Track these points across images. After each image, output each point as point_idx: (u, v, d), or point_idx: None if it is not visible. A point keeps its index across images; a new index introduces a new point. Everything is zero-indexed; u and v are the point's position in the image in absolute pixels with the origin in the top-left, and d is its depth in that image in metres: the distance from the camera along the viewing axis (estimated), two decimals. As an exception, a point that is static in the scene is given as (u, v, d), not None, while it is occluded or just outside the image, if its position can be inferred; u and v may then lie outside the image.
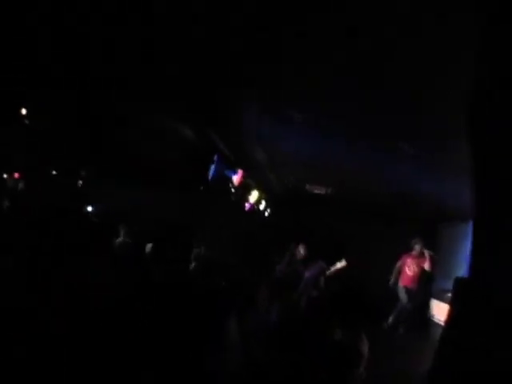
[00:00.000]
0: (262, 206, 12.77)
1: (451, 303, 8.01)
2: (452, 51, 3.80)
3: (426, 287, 11.54)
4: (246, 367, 3.96)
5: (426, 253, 10.85)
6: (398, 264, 11.19)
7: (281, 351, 4.44)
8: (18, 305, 3.41)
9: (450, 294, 9.86)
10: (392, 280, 11.14)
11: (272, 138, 7.59)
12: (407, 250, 11.12)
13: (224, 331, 3.74)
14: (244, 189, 10.61)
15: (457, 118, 2.92)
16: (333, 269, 9.92)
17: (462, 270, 9.13)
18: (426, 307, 11.65)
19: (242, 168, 9.46)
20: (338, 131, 6.73)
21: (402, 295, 10.89)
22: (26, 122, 8.38)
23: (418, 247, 10.92)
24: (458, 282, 7.01)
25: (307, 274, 9.33)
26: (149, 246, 8.24)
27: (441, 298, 10.88)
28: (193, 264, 7.65)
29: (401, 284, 11.03)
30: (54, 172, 12.82)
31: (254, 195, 11.52)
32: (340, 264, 9.98)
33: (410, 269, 10.98)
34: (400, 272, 11.13)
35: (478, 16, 2.44)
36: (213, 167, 8.34)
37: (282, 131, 7.03)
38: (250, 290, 5.36)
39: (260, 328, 4.88)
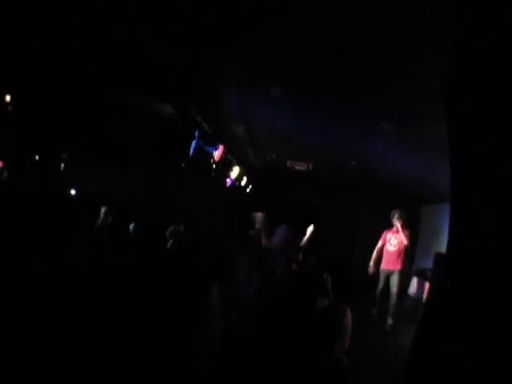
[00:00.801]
0: (243, 182, 12.71)
1: (432, 279, 8.05)
2: (428, 29, 3.77)
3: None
4: (226, 342, 3.95)
5: (398, 225, 9.80)
6: (379, 244, 10.27)
7: (261, 324, 4.40)
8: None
9: (430, 272, 10.02)
10: (371, 264, 10.24)
11: (251, 112, 7.53)
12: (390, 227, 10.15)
13: (202, 305, 3.72)
14: (225, 164, 10.53)
15: (436, 97, 2.86)
16: (305, 238, 9.87)
17: (442, 248, 9.19)
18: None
19: (222, 143, 9.36)
20: (317, 106, 6.70)
21: (381, 280, 9.90)
22: (10, 108, 8.19)
23: (396, 221, 9.89)
24: (438, 257, 7.00)
25: (274, 241, 9.07)
26: (131, 226, 8.22)
27: (422, 276, 11.00)
28: (170, 241, 7.61)
29: (382, 266, 10.03)
30: (37, 157, 12.63)
31: (235, 171, 11.45)
32: (309, 229, 9.88)
33: (390, 244, 9.95)
34: (381, 252, 10.18)
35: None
36: (194, 143, 8.22)
37: (262, 106, 6.97)
38: (229, 262, 5.34)
39: (240, 300, 4.87)
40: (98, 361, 3.26)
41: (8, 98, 7.61)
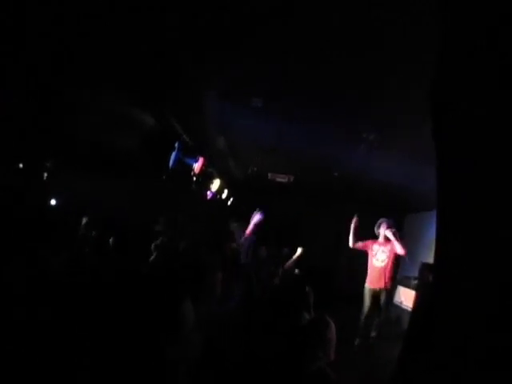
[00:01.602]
0: (224, 195, 12.66)
1: (418, 288, 7.96)
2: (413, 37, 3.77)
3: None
4: (206, 355, 3.89)
5: (390, 234, 8.23)
6: (358, 244, 8.70)
7: (243, 336, 4.34)
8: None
9: (416, 281, 9.99)
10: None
11: (233, 124, 7.49)
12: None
13: (178, 319, 3.66)
14: (205, 177, 10.45)
15: (420, 106, 2.84)
16: (292, 260, 9.52)
17: (427, 256, 9.20)
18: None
19: (202, 155, 9.30)
20: (299, 117, 6.69)
21: (367, 300, 8.43)
22: None
23: (382, 232, 8.46)
24: (424, 267, 6.93)
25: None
26: (111, 240, 8.12)
27: (407, 285, 11.00)
28: (154, 254, 7.51)
29: (367, 283, 8.51)
30: (21, 165, 12.48)
31: (215, 184, 11.37)
32: (298, 252, 9.51)
33: (377, 259, 8.42)
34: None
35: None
36: (174, 154, 8.15)
37: (242, 117, 6.93)
38: (203, 276, 5.27)
39: (217, 314, 4.80)
40: (74, 377, 3.20)
41: None
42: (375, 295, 8.35)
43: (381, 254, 8.42)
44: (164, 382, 3.29)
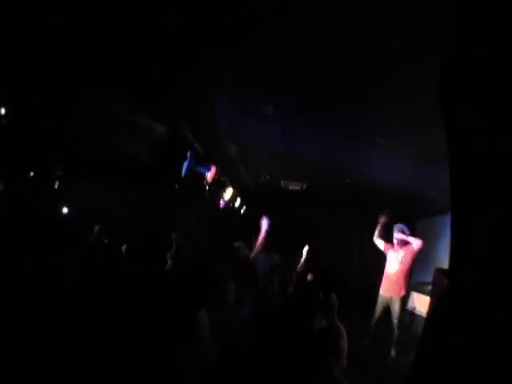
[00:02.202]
0: (237, 204, 12.64)
1: (432, 293, 7.91)
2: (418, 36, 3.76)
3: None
4: (219, 363, 3.89)
5: (400, 235, 8.25)
6: (381, 241, 8.74)
7: (252, 345, 4.33)
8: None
9: (430, 287, 9.90)
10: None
11: (244, 132, 7.49)
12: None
13: (193, 326, 3.67)
14: (218, 186, 10.45)
15: (431, 108, 2.82)
16: (302, 260, 9.51)
17: (441, 261, 9.14)
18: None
19: (215, 164, 9.31)
20: (309, 124, 6.67)
21: (379, 307, 8.42)
22: (4, 121, 8.10)
23: (395, 235, 8.36)
24: (439, 272, 6.93)
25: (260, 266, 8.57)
26: (124, 247, 8.13)
27: (421, 291, 10.90)
28: (169, 263, 7.51)
29: (381, 291, 8.51)
30: (32, 173, 12.56)
31: (228, 192, 11.36)
32: (304, 250, 9.44)
33: (390, 265, 8.46)
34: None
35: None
36: (186, 164, 8.16)
37: (254, 125, 6.94)
38: (214, 284, 5.27)
39: (231, 322, 4.79)
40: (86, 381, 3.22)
41: (3, 110, 7.49)
42: (387, 302, 8.31)
43: (394, 260, 8.38)
44: None
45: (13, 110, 7.56)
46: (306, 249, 9.33)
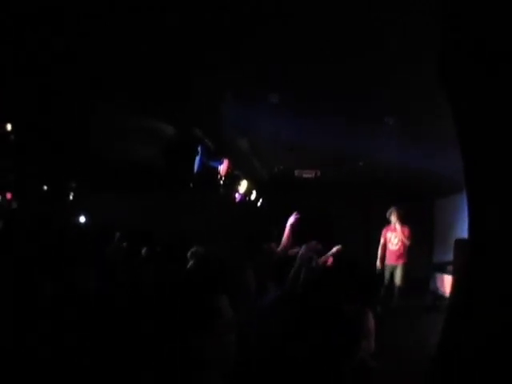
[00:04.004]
0: (253, 196, 12.63)
1: (454, 263, 7.91)
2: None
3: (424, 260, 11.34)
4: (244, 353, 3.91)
5: (397, 224, 10.18)
6: (382, 241, 10.59)
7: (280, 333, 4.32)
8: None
9: (450, 266, 9.92)
10: (378, 262, 10.50)
11: (253, 123, 7.49)
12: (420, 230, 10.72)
13: (213, 316, 3.69)
14: (232, 179, 10.47)
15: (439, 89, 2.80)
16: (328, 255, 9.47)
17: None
18: (426, 281, 11.61)
19: (227, 158, 9.30)
20: (317, 109, 6.64)
21: (387, 274, 10.26)
22: (12, 137, 8.14)
23: (393, 219, 10.29)
24: (458, 242, 6.87)
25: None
26: (144, 250, 8.17)
27: (443, 270, 10.87)
28: (190, 262, 7.52)
29: (387, 262, 10.38)
30: (45, 187, 12.66)
31: (243, 185, 11.37)
32: (334, 249, 9.42)
33: (392, 243, 10.32)
34: (385, 249, 10.50)
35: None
36: (198, 159, 8.16)
37: (262, 115, 6.93)
38: (235, 275, 5.29)
39: (254, 310, 4.79)
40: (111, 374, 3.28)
41: (9, 126, 7.53)
42: (393, 269, 10.21)
43: (394, 239, 10.33)
44: (197, 381, 3.33)
45: (22, 126, 7.61)
46: (335, 248, 9.21)
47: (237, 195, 11.66)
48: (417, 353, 6.47)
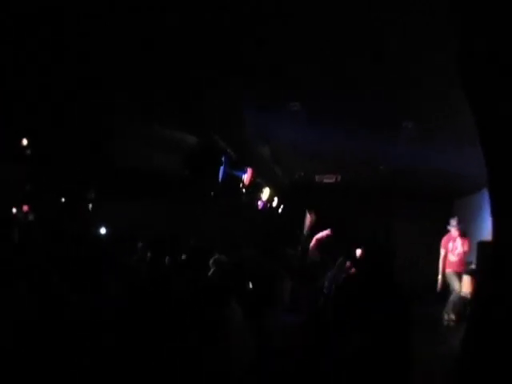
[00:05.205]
0: (274, 203, 12.74)
1: (477, 266, 7.78)
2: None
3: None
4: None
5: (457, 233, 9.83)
6: (442, 253, 10.05)
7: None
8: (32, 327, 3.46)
9: (471, 266, 9.88)
10: (440, 277, 9.96)
11: (274, 131, 7.61)
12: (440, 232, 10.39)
13: (218, 324, 3.70)
14: (255, 187, 10.59)
15: (458, 91, 2.90)
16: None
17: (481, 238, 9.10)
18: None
19: (250, 167, 9.45)
20: (337, 114, 6.79)
21: (455, 282, 9.59)
22: (28, 152, 8.32)
23: (453, 228, 9.88)
24: (482, 245, 6.84)
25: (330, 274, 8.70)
26: (167, 259, 8.28)
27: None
28: (212, 270, 7.62)
29: (449, 270, 9.85)
30: (63, 199, 12.84)
31: (265, 193, 11.51)
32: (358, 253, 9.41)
33: (453, 254, 9.86)
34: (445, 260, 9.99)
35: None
36: (222, 169, 8.33)
37: (283, 123, 7.05)
38: (271, 286, 5.29)
39: (285, 327, 4.85)
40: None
41: (25, 141, 7.70)
42: (457, 276, 9.63)
43: (454, 249, 9.89)
44: None
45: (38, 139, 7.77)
46: (358, 252, 9.22)
47: (259, 203, 11.78)
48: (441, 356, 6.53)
